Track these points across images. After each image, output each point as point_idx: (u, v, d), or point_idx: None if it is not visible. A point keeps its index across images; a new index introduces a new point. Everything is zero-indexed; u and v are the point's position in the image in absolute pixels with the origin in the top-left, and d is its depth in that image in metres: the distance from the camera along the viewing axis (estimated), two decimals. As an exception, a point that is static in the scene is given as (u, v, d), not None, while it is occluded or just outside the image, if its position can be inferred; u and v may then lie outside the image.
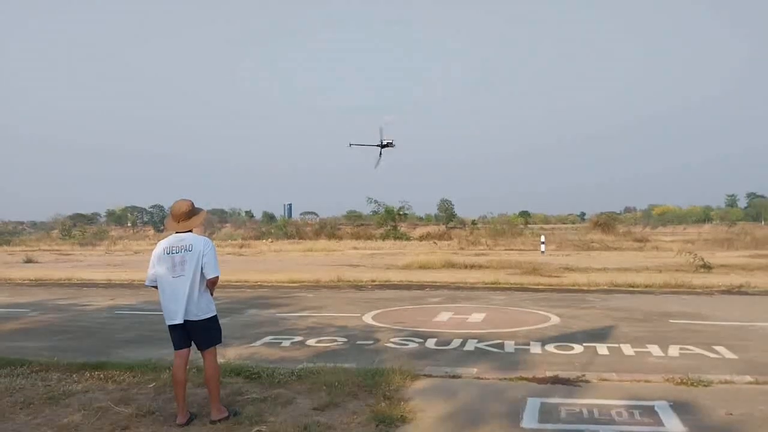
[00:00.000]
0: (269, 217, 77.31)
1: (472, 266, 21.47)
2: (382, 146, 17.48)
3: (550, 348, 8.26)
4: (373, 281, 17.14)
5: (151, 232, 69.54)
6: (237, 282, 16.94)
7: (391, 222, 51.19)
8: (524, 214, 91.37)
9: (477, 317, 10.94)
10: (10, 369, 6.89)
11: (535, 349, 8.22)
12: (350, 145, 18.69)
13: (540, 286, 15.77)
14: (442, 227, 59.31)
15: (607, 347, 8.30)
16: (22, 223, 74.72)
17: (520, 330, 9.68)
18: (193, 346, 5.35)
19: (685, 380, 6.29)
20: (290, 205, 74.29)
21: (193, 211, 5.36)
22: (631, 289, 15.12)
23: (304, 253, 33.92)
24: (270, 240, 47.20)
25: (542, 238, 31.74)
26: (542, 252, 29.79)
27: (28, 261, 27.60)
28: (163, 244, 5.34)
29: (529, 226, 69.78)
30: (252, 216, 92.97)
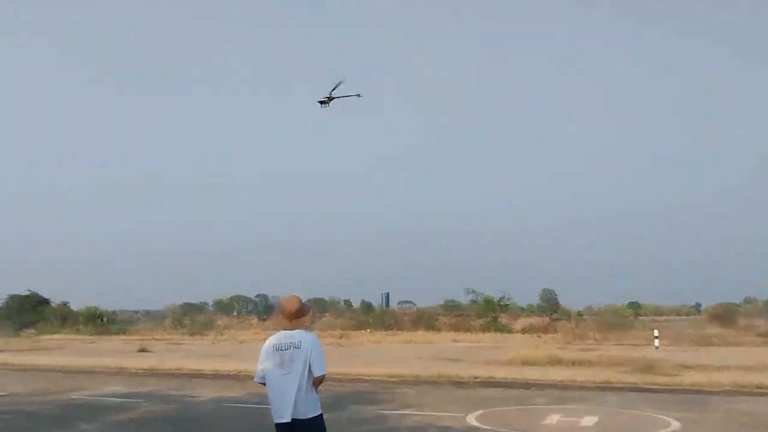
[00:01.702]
0: (367, 306, 77.65)
1: (580, 363, 20.42)
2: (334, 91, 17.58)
3: (673, 458, 7.63)
4: (475, 378, 16.61)
5: (255, 320, 71.45)
6: (338, 375, 16.91)
7: (491, 313, 50.03)
8: (633, 305, 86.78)
9: (589, 421, 10.31)
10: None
11: (656, 458, 7.61)
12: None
13: (656, 386, 14.72)
14: (546, 319, 57.22)
15: (738, 459, 7.56)
16: (136, 312, 78.81)
17: (638, 436, 9.02)
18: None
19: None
20: (387, 294, 74.35)
21: (302, 310, 5.47)
22: (759, 390, 13.82)
23: (403, 344, 33.61)
24: (369, 330, 47.21)
25: (655, 332, 29.93)
26: (656, 347, 28.01)
27: (142, 350, 28.89)
28: (272, 341, 5.45)
29: (639, 317, 66.13)
30: (350, 305, 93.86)
